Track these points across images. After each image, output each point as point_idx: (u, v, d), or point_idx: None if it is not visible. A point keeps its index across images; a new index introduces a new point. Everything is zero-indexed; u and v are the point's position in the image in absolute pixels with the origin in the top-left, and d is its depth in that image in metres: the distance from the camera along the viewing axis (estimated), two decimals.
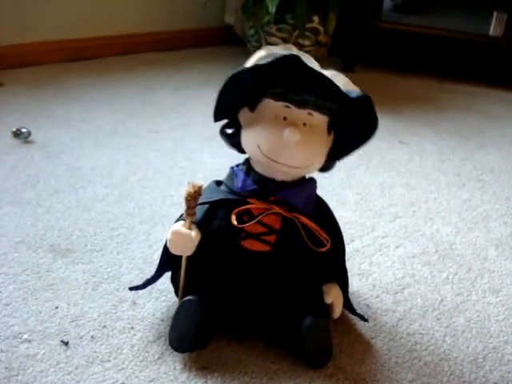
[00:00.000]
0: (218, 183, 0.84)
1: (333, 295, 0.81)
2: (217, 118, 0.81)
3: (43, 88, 1.81)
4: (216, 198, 0.80)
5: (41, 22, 2.02)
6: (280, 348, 0.80)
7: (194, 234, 0.76)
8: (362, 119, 0.78)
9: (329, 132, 0.79)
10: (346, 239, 0.89)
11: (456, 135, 1.76)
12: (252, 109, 0.79)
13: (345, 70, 2.20)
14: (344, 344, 0.83)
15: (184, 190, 0.75)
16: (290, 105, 0.76)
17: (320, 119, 0.78)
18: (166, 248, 0.80)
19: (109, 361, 0.77)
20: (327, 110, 0.77)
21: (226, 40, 2.55)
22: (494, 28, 2.34)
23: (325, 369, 0.78)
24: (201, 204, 0.78)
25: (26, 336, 0.80)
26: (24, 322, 0.82)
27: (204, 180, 0.85)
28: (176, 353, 0.79)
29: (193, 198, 0.75)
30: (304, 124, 0.76)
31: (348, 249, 0.92)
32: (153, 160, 1.40)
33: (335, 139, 0.81)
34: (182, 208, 0.78)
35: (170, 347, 0.79)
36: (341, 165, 0.87)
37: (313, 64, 0.77)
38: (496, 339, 0.88)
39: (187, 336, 0.77)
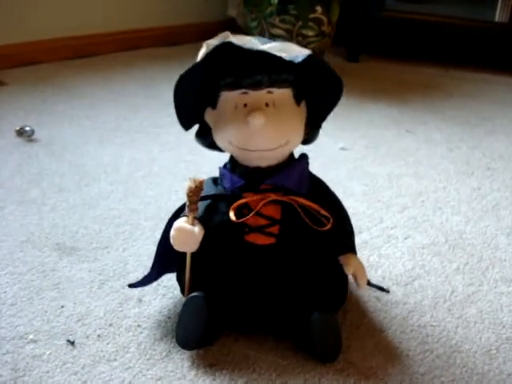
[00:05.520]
0: (215, 181, 0.82)
1: (352, 265, 0.78)
2: (186, 126, 0.80)
3: (46, 86, 1.80)
4: (215, 192, 0.79)
5: (42, 20, 2.01)
6: (289, 342, 0.79)
7: (198, 229, 0.75)
8: (322, 79, 0.76)
9: (298, 103, 0.78)
10: (354, 231, 0.88)
11: (464, 123, 1.74)
12: (214, 107, 0.78)
13: (349, 60, 2.17)
14: (354, 338, 0.82)
15: (185, 186, 0.74)
16: (245, 90, 0.75)
17: (282, 94, 0.76)
18: (165, 246, 0.79)
19: (115, 360, 0.76)
20: (286, 83, 0.76)
21: None
22: (500, 14, 2.31)
23: (335, 363, 0.77)
24: (201, 199, 0.76)
25: (31, 336, 0.79)
26: (30, 322, 0.81)
27: (209, 174, 0.84)
28: (183, 350, 0.78)
29: (194, 193, 0.74)
30: (267, 104, 0.75)
31: (356, 241, 0.91)
32: (157, 155, 1.39)
33: (308, 107, 0.79)
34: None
35: (177, 345, 0.78)
36: (347, 155, 0.85)
37: (252, 43, 0.75)
38: (509, 329, 0.86)
39: (194, 333, 0.76)
